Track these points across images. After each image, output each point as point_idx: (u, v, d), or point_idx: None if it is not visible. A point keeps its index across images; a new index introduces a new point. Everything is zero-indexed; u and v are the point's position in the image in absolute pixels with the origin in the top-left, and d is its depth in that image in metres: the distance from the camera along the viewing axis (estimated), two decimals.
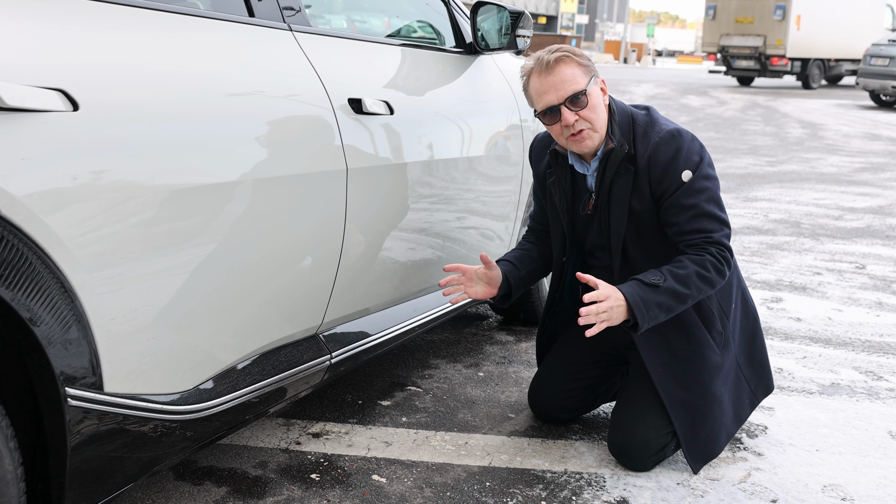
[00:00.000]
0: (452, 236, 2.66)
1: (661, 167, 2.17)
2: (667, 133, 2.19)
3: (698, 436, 2.27)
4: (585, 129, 2.19)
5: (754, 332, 2.44)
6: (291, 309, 2.00)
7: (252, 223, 1.77)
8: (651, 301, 2.11)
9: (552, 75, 2.17)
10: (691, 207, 2.17)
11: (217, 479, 2.16)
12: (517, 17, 2.76)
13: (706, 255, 2.15)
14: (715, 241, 2.17)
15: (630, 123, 2.25)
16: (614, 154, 2.22)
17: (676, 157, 2.17)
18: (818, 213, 6.15)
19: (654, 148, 2.18)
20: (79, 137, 1.39)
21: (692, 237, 2.18)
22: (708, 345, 2.28)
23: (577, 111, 2.17)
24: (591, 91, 2.18)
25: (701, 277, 2.14)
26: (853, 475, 2.30)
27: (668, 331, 2.26)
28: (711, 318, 2.29)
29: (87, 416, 1.45)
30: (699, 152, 2.20)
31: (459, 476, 2.22)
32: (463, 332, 3.35)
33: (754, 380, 2.43)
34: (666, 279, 2.13)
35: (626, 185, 2.22)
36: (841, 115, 15.26)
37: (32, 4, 1.42)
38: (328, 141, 1.99)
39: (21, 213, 1.30)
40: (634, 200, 2.22)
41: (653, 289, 2.12)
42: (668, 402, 2.25)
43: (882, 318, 3.72)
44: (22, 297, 1.32)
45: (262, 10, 1.94)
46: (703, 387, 2.27)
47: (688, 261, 2.15)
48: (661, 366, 2.26)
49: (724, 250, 2.18)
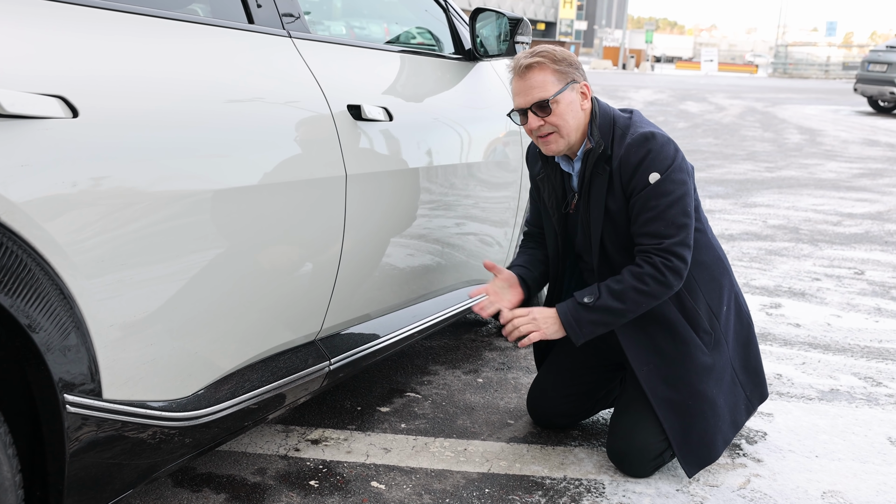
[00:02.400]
0: (452, 242, 2.66)
1: (631, 168, 2.20)
2: (640, 135, 2.21)
3: (690, 438, 2.26)
4: (551, 132, 2.25)
5: (748, 337, 2.44)
6: (290, 315, 2.00)
7: (251, 229, 1.77)
8: (583, 319, 2.22)
9: (523, 80, 2.24)
10: (651, 209, 2.18)
11: (216, 485, 2.16)
12: (516, 23, 2.77)
13: (646, 267, 2.17)
14: (664, 248, 2.17)
15: (611, 125, 2.28)
16: (592, 154, 2.25)
17: (645, 159, 2.19)
18: (817, 218, 6.16)
19: (626, 149, 2.21)
20: (78, 144, 1.39)
21: (644, 242, 2.20)
22: (695, 344, 2.28)
23: (542, 117, 2.23)
24: (560, 98, 2.22)
25: (638, 291, 2.18)
26: (853, 481, 2.30)
27: (653, 329, 2.28)
28: (697, 318, 2.30)
29: (86, 422, 1.45)
30: (671, 156, 2.20)
31: (458, 483, 2.22)
32: (462, 338, 3.35)
33: (749, 385, 2.43)
34: (600, 297, 2.21)
35: (602, 185, 2.26)
36: (839, 121, 15.28)
37: (32, 11, 1.42)
38: (327, 147, 1.99)
39: (20, 219, 1.30)
40: (610, 200, 2.25)
41: (584, 308, 2.22)
42: (654, 401, 2.25)
43: (881, 323, 3.72)
44: (21, 304, 1.31)
45: (261, 16, 1.95)
46: (691, 386, 2.27)
47: (628, 274, 2.20)
48: (647, 364, 2.28)
49: (672, 259, 2.17)
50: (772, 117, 15.73)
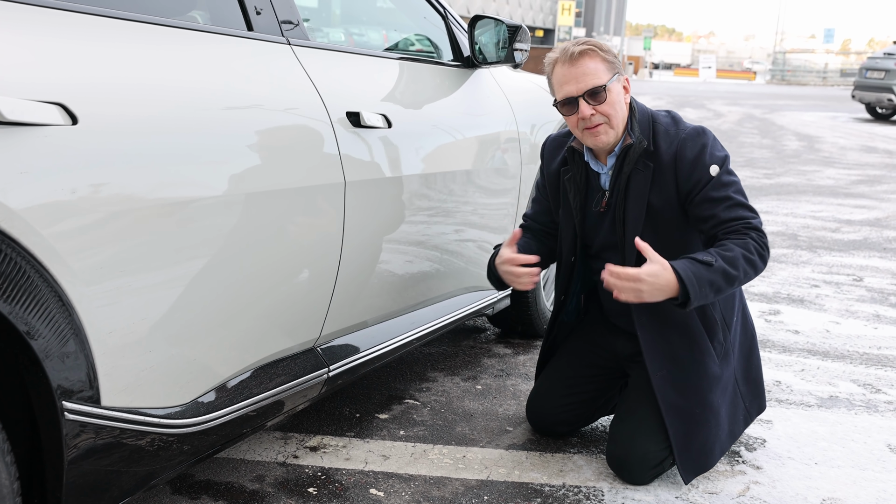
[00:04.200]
0: (450, 249, 2.66)
1: (689, 162, 2.20)
2: (692, 130, 2.24)
3: (692, 445, 2.26)
4: (602, 123, 2.21)
5: (751, 348, 2.44)
6: (289, 322, 1.99)
7: (250, 236, 1.77)
8: (704, 278, 2.06)
9: (575, 67, 2.20)
10: (724, 199, 2.18)
11: (214, 492, 2.15)
12: (514, 30, 2.77)
13: (749, 240, 2.14)
14: (753, 226, 2.17)
15: (650, 122, 2.28)
16: (633, 150, 2.24)
17: (703, 153, 2.20)
18: (815, 225, 6.16)
19: (680, 144, 2.21)
20: (77, 151, 1.39)
21: (732, 224, 2.17)
22: (709, 353, 2.28)
23: (594, 105, 2.19)
24: (611, 87, 2.21)
25: (747, 260, 2.12)
26: (852, 489, 2.30)
27: (672, 336, 2.27)
28: (714, 328, 2.30)
29: (84, 429, 1.45)
30: (722, 149, 2.25)
31: (457, 490, 2.22)
32: (461, 345, 3.35)
33: (749, 397, 2.43)
34: (717, 259, 2.09)
35: (644, 181, 2.24)
36: (837, 128, 15.31)
37: (32, 18, 1.42)
38: (326, 154, 2.00)
39: (19, 226, 1.30)
40: (654, 196, 2.24)
41: (706, 266, 2.07)
42: (664, 407, 2.25)
43: (880, 330, 3.72)
44: (19, 311, 1.31)
45: (260, 24, 1.95)
46: (701, 395, 2.27)
47: (732, 244, 2.13)
48: (662, 370, 2.27)
49: (763, 236, 2.18)
50: (770, 124, 15.76)
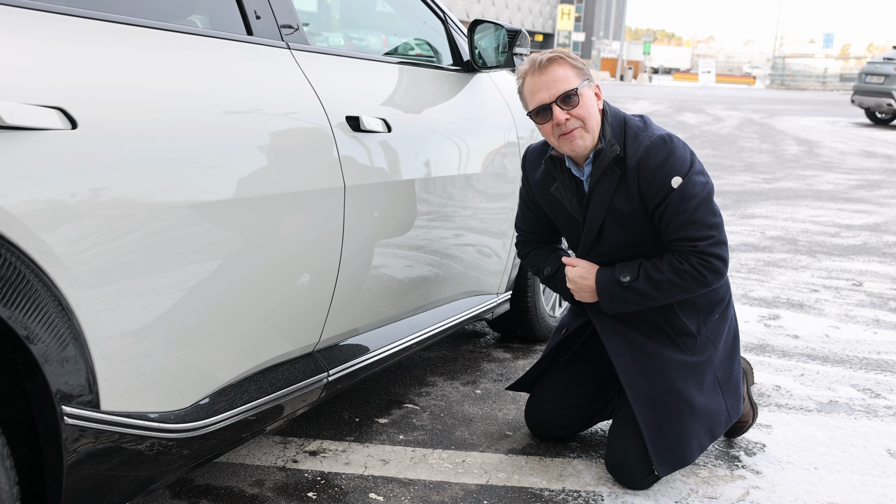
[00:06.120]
0: (450, 253, 2.66)
1: (651, 171, 2.19)
2: (658, 137, 2.22)
3: (665, 435, 2.24)
4: (577, 127, 2.21)
5: (733, 350, 2.43)
6: (289, 326, 1.99)
7: (250, 240, 1.77)
8: (617, 295, 2.27)
9: (545, 75, 2.22)
10: (680, 214, 2.18)
11: (213, 497, 2.15)
12: (514, 35, 2.78)
13: (686, 265, 2.19)
14: (699, 250, 2.18)
15: (622, 127, 2.27)
16: (603, 154, 2.23)
17: (666, 162, 2.18)
18: (815, 230, 6.17)
19: (644, 152, 2.20)
20: (77, 155, 1.39)
21: (678, 244, 2.21)
22: (670, 340, 2.30)
23: (568, 110, 2.20)
24: (582, 91, 2.21)
25: (674, 285, 2.21)
26: (852, 493, 2.30)
27: (630, 321, 2.31)
28: (675, 318, 2.30)
29: (84, 434, 1.45)
30: (689, 158, 2.22)
31: (457, 494, 2.21)
32: (460, 350, 3.35)
33: (730, 399, 2.40)
34: (638, 278, 2.23)
35: (609, 186, 2.24)
36: (836, 133, 15.32)
37: (32, 23, 1.42)
38: (326, 158, 2.00)
39: (19, 230, 1.30)
40: (618, 201, 2.24)
41: (620, 285, 2.25)
42: (630, 394, 2.26)
43: (879, 335, 3.72)
44: (19, 315, 1.31)
45: (260, 28, 1.95)
46: (668, 382, 2.26)
47: (668, 267, 2.21)
48: (625, 356, 2.30)
49: (711, 259, 2.18)
50: (769, 129, 15.77)
